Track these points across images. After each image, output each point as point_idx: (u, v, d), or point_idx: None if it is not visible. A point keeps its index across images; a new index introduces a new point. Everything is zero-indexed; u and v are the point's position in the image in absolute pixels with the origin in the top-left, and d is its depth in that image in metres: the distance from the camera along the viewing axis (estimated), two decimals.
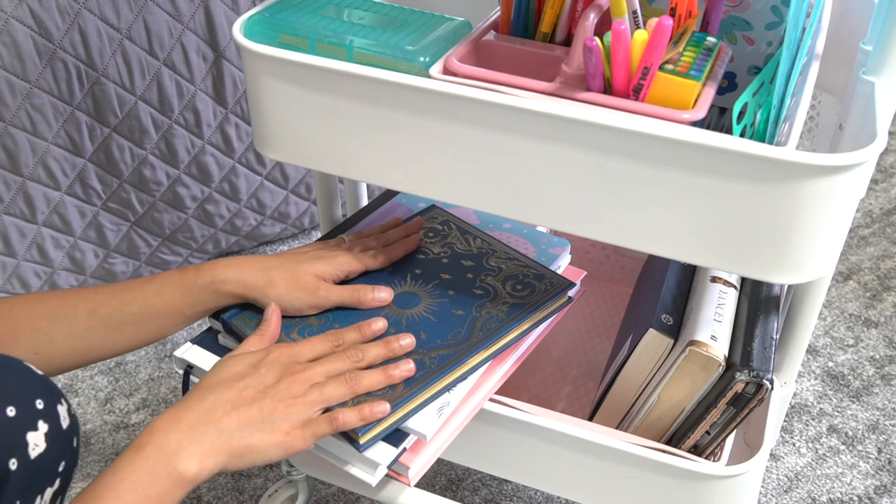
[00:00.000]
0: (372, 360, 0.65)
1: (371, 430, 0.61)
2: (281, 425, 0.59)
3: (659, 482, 0.68)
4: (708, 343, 0.66)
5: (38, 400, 0.54)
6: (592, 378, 0.89)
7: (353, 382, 0.62)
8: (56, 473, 0.55)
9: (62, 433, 0.55)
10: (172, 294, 0.68)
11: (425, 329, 0.69)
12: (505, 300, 0.72)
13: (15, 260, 1.14)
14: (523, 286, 0.74)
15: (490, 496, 1.01)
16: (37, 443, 0.53)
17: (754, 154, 0.51)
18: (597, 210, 0.57)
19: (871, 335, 1.25)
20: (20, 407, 0.52)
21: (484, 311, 0.71)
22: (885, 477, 1.03)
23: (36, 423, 0.53)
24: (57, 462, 0.55)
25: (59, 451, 0.54)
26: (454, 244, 0.80)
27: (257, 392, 0.60)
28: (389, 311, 0.71)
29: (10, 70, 1.02)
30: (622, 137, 0.53)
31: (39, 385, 0.55)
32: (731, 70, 0.72)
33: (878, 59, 0.60)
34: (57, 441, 0.54)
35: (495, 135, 0.57)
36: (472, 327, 0.69)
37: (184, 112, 1.17)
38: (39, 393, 0.54)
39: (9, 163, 1.08)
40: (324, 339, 0.66)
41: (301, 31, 0.65)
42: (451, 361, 0.66)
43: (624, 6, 0.55)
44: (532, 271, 0.76)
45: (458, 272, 0.76)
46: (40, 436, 0.53)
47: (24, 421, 0.52)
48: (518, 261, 0.77)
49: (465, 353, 0.67)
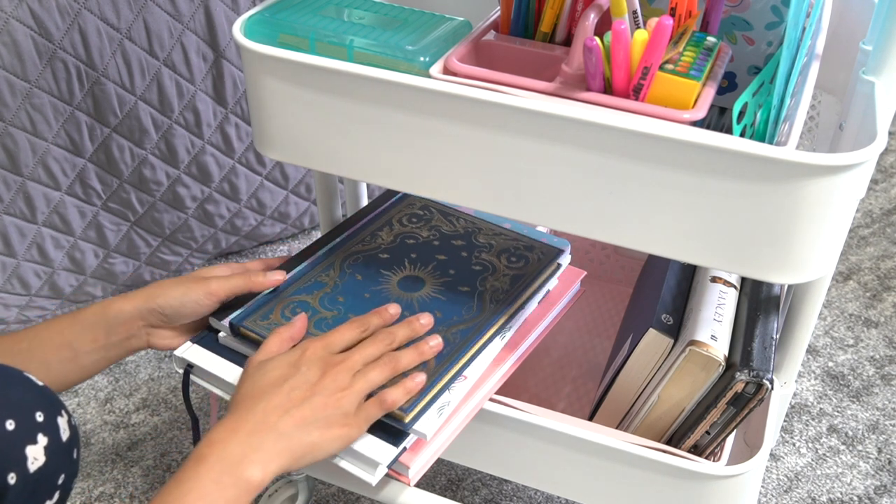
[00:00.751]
0: (402, 341, 0.67)
1: (415, 407, 0.63)
2: (336, 419, 0.60)
3: (659, 482, 0.68)
4: (708, 343, 0.66)
5: (38, 412, 0.53)
6: (592, 378, 0.89)
7: (392, 363, 0.64)
8: (55, 486, 0.54)
9: (62, 446, 0.54)
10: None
11: (439, 308, 0.72)
12: (505, 272, 0.77)
13: (15, 260, 1.14)
14: (517, 258, 0.79)
15: (490, 496, 1.01)
16: (36, 456, 0.52)
17: (754, 154, 0.51)
18: (597, 210, 0.57)
19: (871, 335, 1.25)
20: (20, 420, 0.52)
21: (488, 285, 0.75)
22: (885, 477, 1.03)
23: (35, 436, 0.52)
24: (56, 475, 0.54)
25: (58, 464, 0.54)
26: (439, 226, 0.84)
27: (305, 391, 0.60)
28: (399, 296, 0.74)
29: (10, 70, 1.02)
30: (622, 137, 0.53)
31: (40, 396, 0.54)
32: (731, 70, 0.72)
33: (878, 59, 0.60)
34: (56, 454, 0.54)
35: (495, 135, 0.57)
36: (481, 300, 0.74)
37: (184, 112, 1.17)
38: (40, 405, 0.54)
39: (9, 163, 1.07)
40: (351, 326, 0.67)
41: (301, 31, 0.65)
42: (473, 334, 0.70)
43: (624, 6, 0.55)
44: (521, 243, 0.81)
45: (451, 252, 0.80)
46: (40, 449, 0.52)
47: (24, 434, 0.52)
48: (505, 235, 0.82)
49: (483, 325, 0.71)
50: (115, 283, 1.27)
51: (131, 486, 1.02)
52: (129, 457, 1.05)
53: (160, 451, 1.06)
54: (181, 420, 1.10)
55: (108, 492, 1.01)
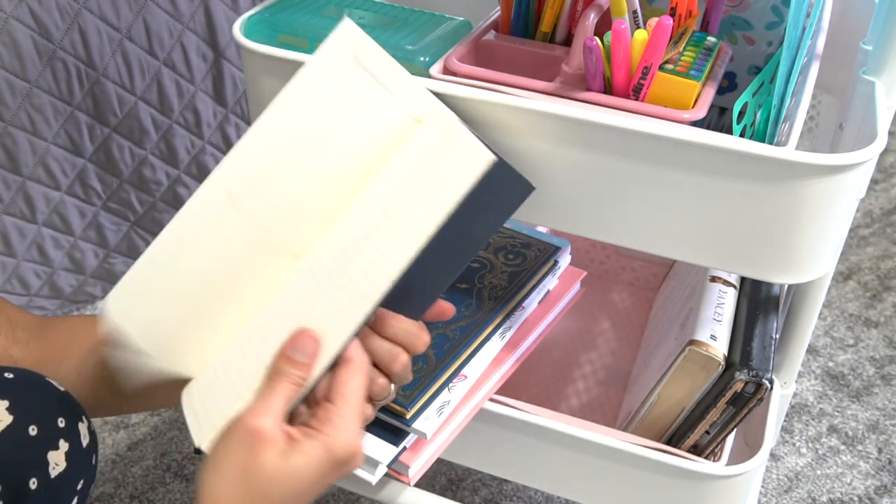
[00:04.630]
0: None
1: (416, 403, 0.63)
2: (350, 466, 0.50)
3: (659, 482, 0.68)
4: (708, 342, 0.66)
5: (59, 418, 0.53)
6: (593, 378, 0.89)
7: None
8: (75, 492, 0.54)
9: (82, 451, 0.54)
10: None
11: None
12: (502, 269, 0.77)
13: (15, 260, 1.14)
14: (515, 255, 0.79)
15: (490, 496, 1.00)
16: (57, 462, 0.52)
17: (754, 154, 0.51)
18: (597, 210, 0.57)
19: (871, 335, 1.25)
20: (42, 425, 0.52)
21: (486, 282, 0.75)
22: (886, 477, 1.03)
23: (57, 441, 0.52)
24: (76, 481, 0.54)
25: (78, 469, 0.54)
26: None
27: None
28: None
29: (10, 70, 1.02)
30: (622, 137, 0.53)
31: (61, 402, 0.54)
32: (731, 70, 0.72)
33: (878, 59, 0.60)
34: (77, 460, 0.53)
35: (495, 134, 0.57)
36: (480, 297, 0.73)
37: (184, 112, 1.17)
38: (62, 410, 0.54)
39: (9, 163, 1.07)
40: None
41: (301, 31, 0.65)
42: (473, 330, 0.70)
43: (624, 6, 0.56)
44: (518, 241, 0.81)
45: None
46: (61, 455, 0.52)
47: (46, 440, 0.52)
48: (503, 233, 0.82)
49: (483, 321, 0.71)
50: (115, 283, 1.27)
51: (131, 487, 1.02)
52: (129, 457, 1.05)
53: (160, 451, 1.06)
54: (181, 420, 1.10)
55: (108, 492, 1.01)
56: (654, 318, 0.92)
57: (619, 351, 0.92)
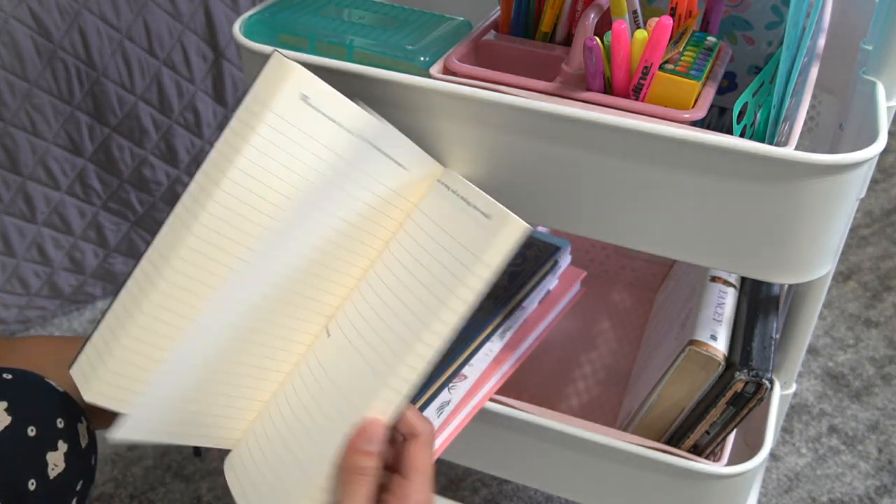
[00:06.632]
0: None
1: (416, 403, 0.63)
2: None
3: (659, 482, 0.68)
4: (707, 342, 0.66)
5: (59, 419, 0.53)
6: (593, 378, 0.89)
7: None
8: (74, 492, 0.54)
9: (81, 452, 0.54)
10: None
11: None
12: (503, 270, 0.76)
13: (15, 260, 1.14)
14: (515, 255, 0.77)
15: (490, 496, 1.00)
16: (56, 463, 0.52)
17: (754, 154, 0.50)
18: (597, 210, 0.57)
19: (871, 335, 1.24)
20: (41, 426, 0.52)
21: None
22: (886, 477, 1.03)
23: (56, 442, 0.52)
24: (75, 481, 0.54)
25: (77, 470, 0.54)
26: None
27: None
28: None
29: (10, 70, 1.02)
30: (622, 137, 0.53)
31: (61, 402, 0.54)
32: (731, 70, 0.72)
33: (878, 59, 0.60)
34: (76, 460, 0.54)
35: (495, 134, 0.57)
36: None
37: (184, 112, 1.17)
38: (61, 411, 0.54)
39: (9, 163, 1.07)
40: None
41: (301, 31, 0.65)
42: (472, 330, 0.69)
43: (624, 6, 0.55)
44: None
45: None
46: (60, 456, 0.52)
47: (45, 441, 0.52)
48: None
49: (483, 321, 0.70)
50: (114, 283, 1.27)
51: (131, 487, 1.01)
52: (129, 457, 1.05)
53: (160, 451, 1.06)
54: None
55: (108, 492, 1.01)
56: (654, 318, 0.92)
57: (619, 351, 0.92)
